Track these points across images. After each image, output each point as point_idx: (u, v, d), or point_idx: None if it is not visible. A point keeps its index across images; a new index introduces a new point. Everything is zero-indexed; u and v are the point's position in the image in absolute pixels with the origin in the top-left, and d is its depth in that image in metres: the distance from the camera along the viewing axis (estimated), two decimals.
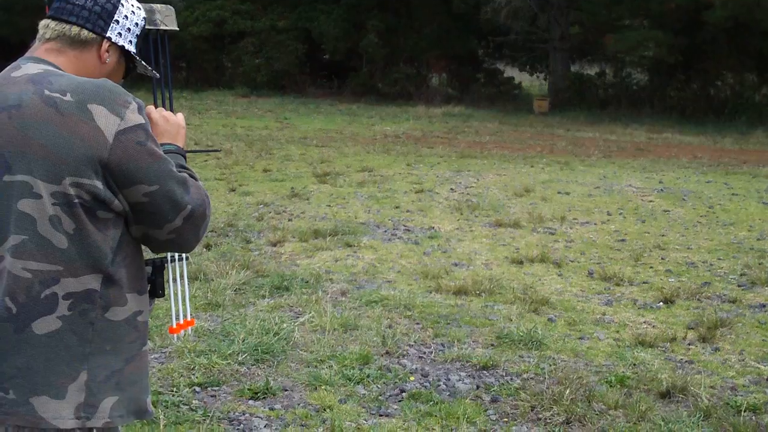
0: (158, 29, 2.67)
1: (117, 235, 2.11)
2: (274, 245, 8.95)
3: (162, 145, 2.31)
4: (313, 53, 38.35)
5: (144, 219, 2.13)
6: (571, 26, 35.00)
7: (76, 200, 2.01)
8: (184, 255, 2.72)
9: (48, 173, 2.00)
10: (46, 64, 2.17)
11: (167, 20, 2.69)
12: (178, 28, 2.73)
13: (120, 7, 2.25)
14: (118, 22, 2.24)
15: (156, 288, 2.48)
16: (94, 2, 2.21)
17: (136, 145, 2.05)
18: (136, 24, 2.30)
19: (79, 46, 2.22)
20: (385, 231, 9.92)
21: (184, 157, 2.42)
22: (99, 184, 2.02)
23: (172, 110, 2.66)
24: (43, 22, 2.24)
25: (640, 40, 31.72)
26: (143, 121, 2.09)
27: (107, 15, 2.22)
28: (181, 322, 2.65)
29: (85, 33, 2.21)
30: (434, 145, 20.03)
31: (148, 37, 2.58)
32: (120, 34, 2.26)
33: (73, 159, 2.00)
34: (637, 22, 33.89)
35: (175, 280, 2.67)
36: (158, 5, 2.67)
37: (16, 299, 2.03)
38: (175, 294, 2.67)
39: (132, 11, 2.28)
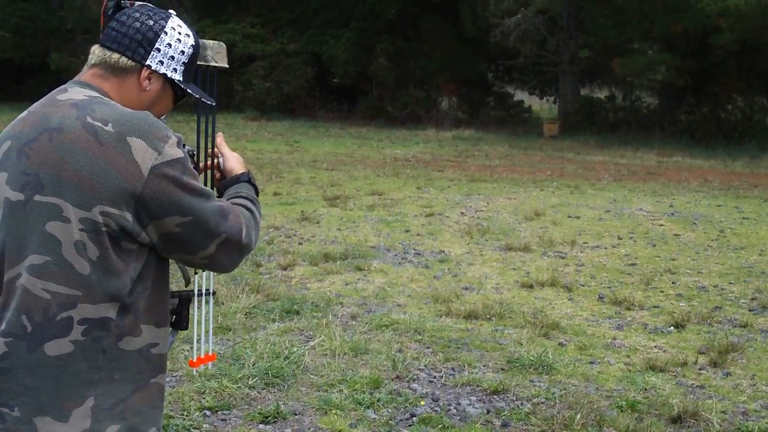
0: (208, 65, 2.68)
1: (139, 267, 2.11)
2: (285, 269, 8.96)
3: (241, 174, 2.57)
4: (323, 77, 38.54)
5: (177, 247, 2.16)
6: (580, 49, 35.09)
7: (104, 228, 2.03)
8: (211, 290, 2.72)
9: (79, 199, 2.02)
10: (92, 89, 2.19)
11: (218, 57, 2.69)
12: (227, 65, 2.74)
13: (162, 36, 2.24)
14: (159, 50, 2.24)
15: (180, 320, 2.48)
16: (135, 30, 2.22)
17: (172, 179, 2.07)
18: (182, 52, 2.29)
19: (119, 73, 2.23)
20: (396, 255, 9.92)
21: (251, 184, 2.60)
22: (129, 216, 2.04)
23: (214, 139, 2.69)
24: (92, 48, 2.27)
25: (649, 64, 31.79)
26: (181, 156, 2.12)
27: (147, 43, 2.23)
28: (202, 356, 2.65)
29: (124, 60, 2.22)
30: (444, 168, 20.07)
31: (197, 72, 2.59)
32: (162, 62, 2.26)
33: (105, 189, 2.01)
34: (646, 46, 33.98)
35: (199, 308, 2.67)
36: (210, 41, 2.67)
37: (32, 318, 2.03)
38: (199, 326, 2.67)
39: (177, 39, 2.28)
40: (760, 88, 31.74)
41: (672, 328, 7.27)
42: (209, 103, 2.52)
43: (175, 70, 2.30)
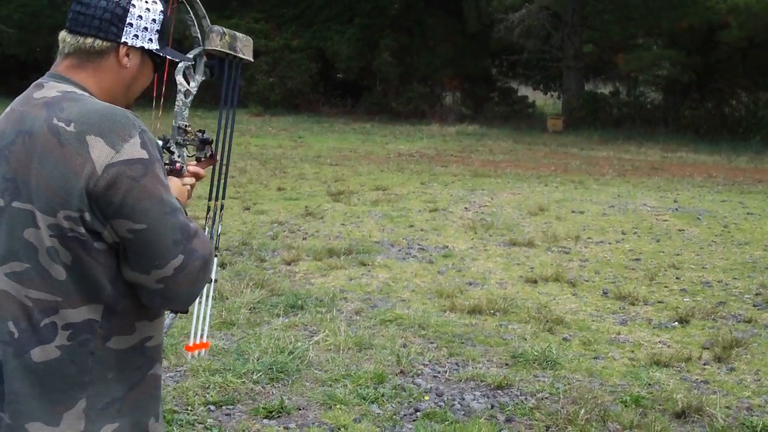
0: (236, 56, 2.69)
1: (114, 266, 2.06)
2: (289, 264, 8.96)
3: None
4: (327, 72, 38.54)
5: (132, 258, 2.05)
6: (584, 45, 35.02)
7: (70, 234, 1.98)
8: (213, 277, 2.62)
9: (45, 205, 1.98)
10: (68, 83, 2.14)
11: (245, 50, 2.71)
12: (252, 60, 2.75)
13: (131, 9, 2.18)
14: (131, 24, 2.18)
15: None
16: (103, 9, 2.15)
17: (127, 179, 1.98)
18: (154, 20, 2.23)
19: (96, 57, 2.17)
20: (400, 250, 9.92)
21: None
22: (88, 216, 1.98)
23: (232, 130, 2.68)
24: (61, 35, 2.20)
25: (653, 60, 31.74)
26: (144, 157, 2.01)
27: (118, 20, 2.16)
28: (198, 342, 2.65)
29: (99, 43, 2.15)
30: (448, 163, 20.06)
31: (224, 61, 2.58)
32: (136, 35, 2.20)
33: (65, 192, 1.96)
34: (650, 41, 33.94)
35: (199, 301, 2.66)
36: (240, 34, 2.69)
37: (19, 324, 2.03)
38: (198, 312, 2.67)
39: (146, 8, 2.21)
40: (765, 84, 31.66)
41: (676, 323, 7.27)
42: (189, 62, 2.48)
43: (150, 40, 2.24)
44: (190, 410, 5.05)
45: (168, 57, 2.33)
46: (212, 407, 5.11)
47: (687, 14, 28.52)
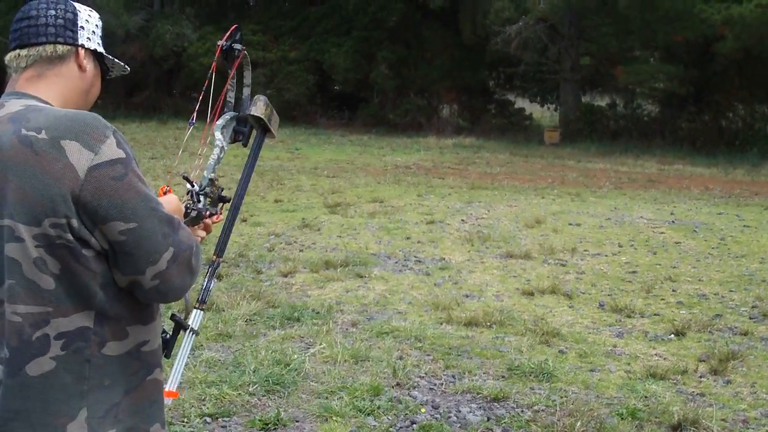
0: (268, 128, 2.82)
1: (105, 271, 2.06)
2: (285, 276, 8.96)
3: None
4: (324, 84, 38.61)
5: (124, 262, 2.05)
6: (581, 57, 35.09)
7: (58, 241, 1.98)
8: (196, 328, 2.65)
9: (27, 216, 1.97)
10: (28, 97, 2.15)
11: (274, 125, 2.86)
12: (275, 137, 2.90)
13: (79, 14, 2.24)
14: (83, 28, 2.24)
15: (169, 348, 2.47)
16: (54, 17, 2.19)
17: (111, 180, 1.99)
18: (97, 26, 2.29)
19: (57, 63, 2.20)
20: (396, 262, 9.92)
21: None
22: (75, 223, 1.98)
23: (243, 196, 2.76)
24: (11, 55, 2.21)
25: (651, 73, 31.79)
26: (123, 156, 2.03)
27: (72, 24, 2.21)
28: (171, 390, 2.64)
29: (60, 48, 2.19)
30: (445, 176, 20.08)
31: (252, 130, 2.75)
32: (89, 38, 2.25)
33: (48, 200, 1.96)
34: (647, 54, 33.99)
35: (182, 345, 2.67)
36: (275, 113, 2.85)
37: (8, 344, 2.02)
38: (177, 363, 2.67)
39: (89, 14, 2.27)
40: (761, 97, 31.74)
41: (672, 335, 7.27)
42: (126, 70, 2.47)
43: (99, 44, 2.30)
44: (186, 422, 5.04)
45: (114, 62, 2.37)
46: (208, 419, 5.10)
47: (683, 28, 28.58)
